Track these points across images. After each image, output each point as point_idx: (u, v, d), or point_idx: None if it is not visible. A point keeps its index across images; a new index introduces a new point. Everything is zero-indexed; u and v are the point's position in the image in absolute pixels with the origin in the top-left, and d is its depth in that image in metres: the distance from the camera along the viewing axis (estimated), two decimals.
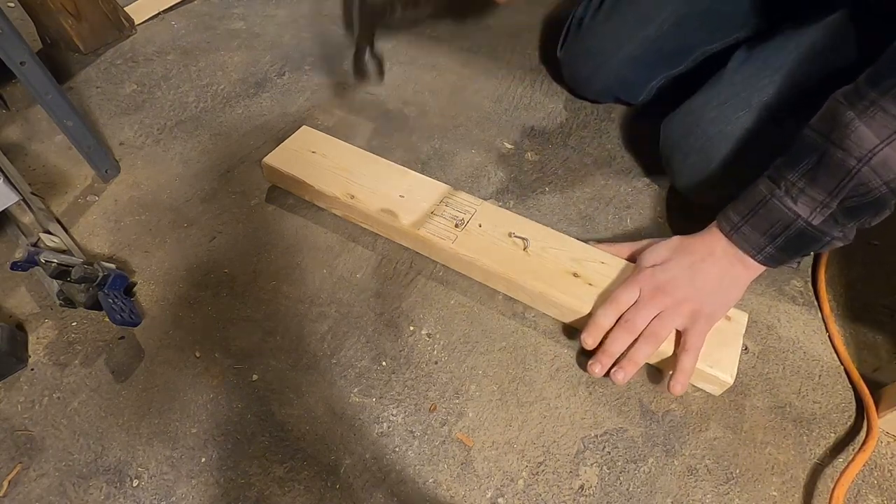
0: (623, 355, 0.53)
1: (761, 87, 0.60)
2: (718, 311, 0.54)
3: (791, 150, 0.48)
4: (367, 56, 0.87)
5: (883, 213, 0.46)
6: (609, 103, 0.86)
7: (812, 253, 0.52)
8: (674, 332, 0.54)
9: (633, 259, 0.60)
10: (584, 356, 0.58)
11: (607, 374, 0.54)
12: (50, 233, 0.65)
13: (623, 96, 0.82)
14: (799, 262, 0.54)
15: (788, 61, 0.60)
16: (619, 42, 0.76)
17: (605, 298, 0.56)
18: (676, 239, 0.57)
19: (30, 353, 0.58)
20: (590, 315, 0.56)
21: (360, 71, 0.88)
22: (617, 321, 0.54)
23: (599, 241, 0.64)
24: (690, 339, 0.52)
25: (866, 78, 0.44)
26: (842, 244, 0.48)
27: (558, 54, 0.84)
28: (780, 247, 0.49)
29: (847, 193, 0.44)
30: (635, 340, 0.53)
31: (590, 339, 0.54)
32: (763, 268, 0.52)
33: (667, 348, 0.54)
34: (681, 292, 0.53)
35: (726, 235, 0.52)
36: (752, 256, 0.51)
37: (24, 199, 0.67)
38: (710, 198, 0.66)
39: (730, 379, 0.52)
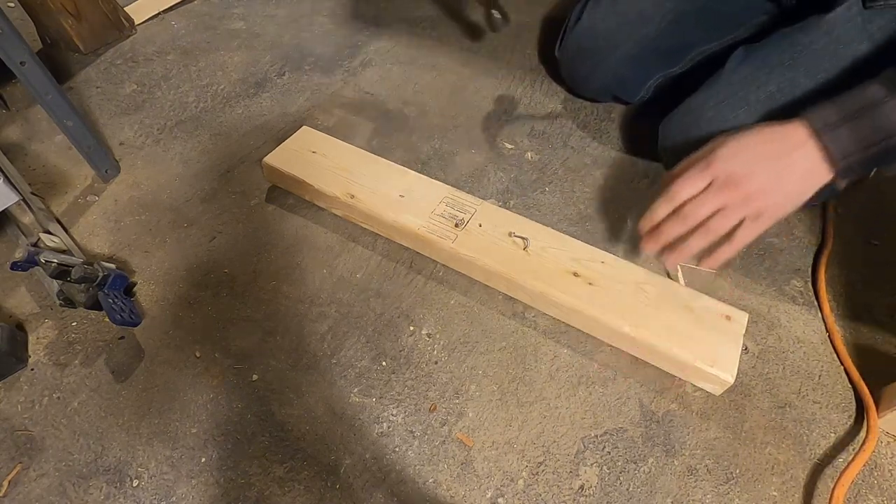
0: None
1: (759, 87, 0.60)
2: (783, 212, 0.51)
3: None
4: (493, 11, 0.91)
5: None
6: (607, 102, 0.86)
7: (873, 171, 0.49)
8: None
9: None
10: (584, 357, 0.58)
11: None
12: (50, 233, 0.65)
13: (621, 95, 0.82)
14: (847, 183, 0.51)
15: (786, 60, 0.60)
16: (616, 41, 0.76)
17: (606, 302, 0.57)
18: (760, 127, 0.52)
19: (30, 353, 0.58)
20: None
21: (490, 25, 0.92)
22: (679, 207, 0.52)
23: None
24: (742, 232, 0.51)
25: None
26: None
27: (556, 53, 0.84)
28: (870, 157, 0.46)
29: None
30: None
31: (645, 225, 0.54)
32: (829, 177, 0.49)
33: (657, 342, 0.54)
34: (756, 185, 0.50)
35: (816, 133, 0.48)
36: (833, 162, 0.47)
37: (24, 199, 0.67)
38: None
39: (730, 378, 0.52)
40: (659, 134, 0.70)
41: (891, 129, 0.45)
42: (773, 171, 0.50)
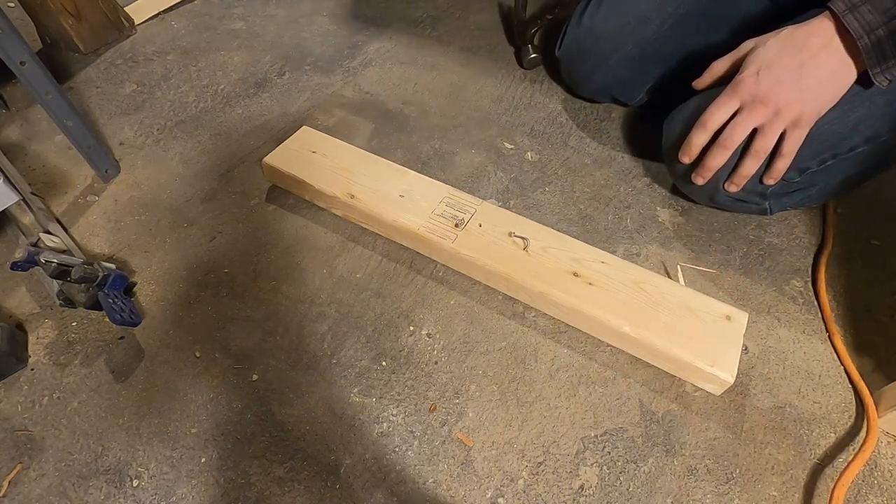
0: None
1: None
2: (817, 115, 0.52)
3: None
4: (531, 51, 0.91)
5: None
6: (606, 103, 0.86)
7: None
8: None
9: (736, 68, 0.59)
10: (584, 357, 0.58)
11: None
12: (50, 233, 0.65)
13: (620, 96, 0.82)
14: (890, 81, 0.50)
15: None
16: (617, 42, 0.76)
17: (606, 302, 0.57)
18: (787, 31, 0.54)
19: (30, 353, 0.58)
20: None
21: (528, 63, 0.92)
22: (716, 135, 0.54)
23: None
24: (788, 143, 0.52)
25: None
26: None
27: (556, 53, 0.84)
28: (893, 31, 0.47)
29: None
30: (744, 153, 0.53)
31: (685, 158, 0.56)
32: (854, 73, 0.50)
33: (655, 341, 0.54)
34: (784, 98, 0.51)
35: (840, 16, 0.49)
36: (858, 38, 0.48)
37: (24, 199, 0.67)
38: (711, 198, 0.66)
39: (730, 378, 0.52)
40: (663, 134, 0.70)
41: None
42: (798, 79, 0.50)
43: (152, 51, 0.96)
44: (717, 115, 0.55)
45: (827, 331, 0.61)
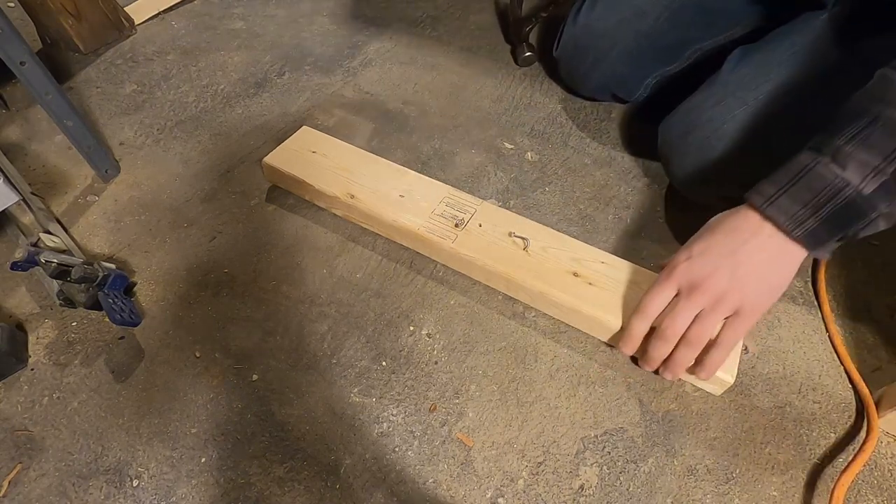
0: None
1: (758, 86, 0.60)
2: (764, 303, 0.49)
3: (834, 121, 0.44)
4: (525, 49, 0.92)
5: None
6: (606, 101, 0.86)
7: (851, 235, 0.45)
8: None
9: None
10: (584, 357, 0.58)
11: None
12: (50, 233, 0.65)
13: (619, 93, 0.82)
14: (831, 253, 0.47)
15: (785, 60, 0.60)
16: (614, 38, 0.76)
17: (606, 302, 0.56)
18: (714, 221, 0.51)
19: (30, 353, 0.58)
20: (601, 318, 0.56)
21: (522, 61, 0.93)
22: (657, 326, 0.50)
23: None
24: (727, 333, 0.49)
25: None
26: (885, 226, 0.43)
27: (555, 53, 0.84)
28: (824, 220, 0.44)
29: None
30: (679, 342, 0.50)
31: (626, 350, 0.53)
32: (805, 252, 0.47)
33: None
34: (721, 286, 0.48)
35: (760, 210, 0.47)
36: (789, 232, 0.45)
37: (24, 199, 0.67)
38: (709, 197, 0.66)
39: (730, 379, 0.52)
40: (658, 135, 0.70)
41: (834, 189, 0.43)
42: (735, 266, 0.48)
43: (152, 51, 0.96)
44: (654, 302, 0.51)
45: (827, 331, 0.61)
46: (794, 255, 0.47)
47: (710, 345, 0.50)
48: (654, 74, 0.78)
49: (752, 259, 0.47)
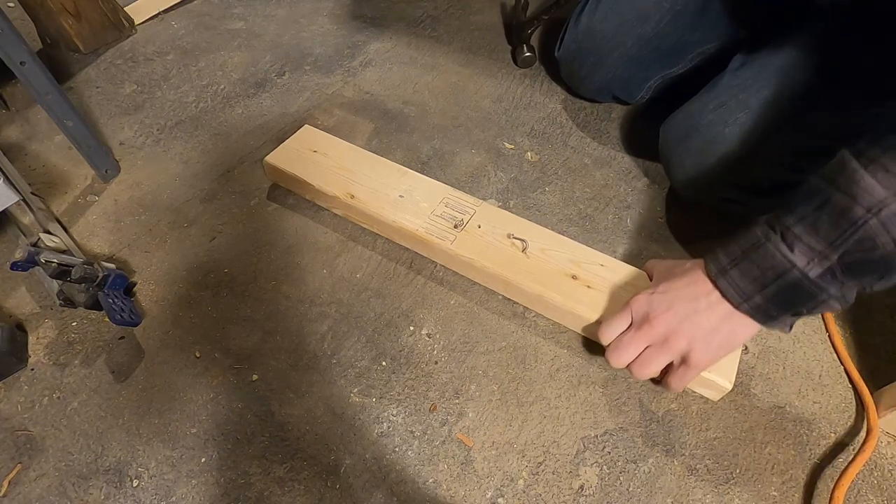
0: None
1: (759, 90, 0.60)
2: (708, 360, 0.49)
3: (794, 195, 0.43)
4: (525, 50, 0.92)
5: (890, 277, 0.40)
6: (607, 102, 0.86)
7: (805, 314, 0.45)
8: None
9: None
10: (584, 357, 0.58)
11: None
12: (50, 233, 0.65)
13: (620, 95, 0.82)
14: (791, 327, 0.47)
15: (786, 64, 0.60)
16: (616, 40, 0.76)
17: (603, 306, 0.57)
18: (682, 267, 0.51)
19: (30, 353, 0.58)
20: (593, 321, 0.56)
21: (522, 62, 0.93)
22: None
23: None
24: (672, 379, 0.50)
25: (870, 138, 0.40)
26: (839, 307, 0.43)
27: (556, 54, 0.84)
28: (771, 298, 0.44)
29: (850, 246, 0.39)
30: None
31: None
32: (758, 326, 0.47)
33: None
34: (670, 326, 0.48)
35: (712, 279, 0.47)
36: (737, 305, 0.45)
37: (24, 199, 0.67)
38: (708, 199, 0.67)
39: (728, 385, 0.52)
40: (659, 136, 0.70)
41: (779, 269, 0.42)
42: (689, 312, 0.48)
43: (152, 51, 0.96)
44: (608, 329, 0.52)
45: (827, 331, 0.61)
46: (744, 324, 0.47)
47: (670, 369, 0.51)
48: (656, 77, 0.78)
49: (705, 315, 0.48)
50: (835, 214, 0.40)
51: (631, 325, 0.51)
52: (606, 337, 0.52)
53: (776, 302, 0.44)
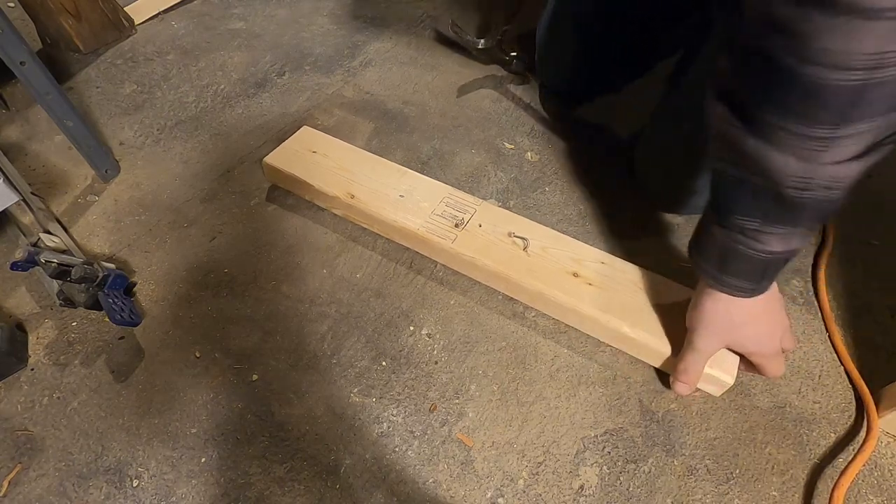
0: None
1: (697, 101, 0.58)
2: (768, 350, 0.52)
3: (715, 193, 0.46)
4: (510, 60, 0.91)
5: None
6: (598, 97, 0.85)
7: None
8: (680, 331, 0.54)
9: None
10: (584, 357, 0.59)
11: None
12: (50, 233, 0.65)
13: (606, 90, 0.82)
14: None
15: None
16: (564, 45, 0.77)
17: (604, 303, 0.57)
18: (696, 297, 0.52)
19: (30, 353, 0.58)
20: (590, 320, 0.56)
21: (513, 71, 0.92)
22: None
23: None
24: (767, 371, 0.53)
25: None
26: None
27: (537, 80, 0.86)
28: (771, 276, 0.47)
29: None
30: None
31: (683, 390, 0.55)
32: (774, 293, 0.50)
33: (665, 349, 0.54)
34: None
35: (718, 290, 0.48)
36: (750, 296, 0.48)
37: (24, 199, 0.67)
38: (680, 212, 0.70)
39: (730, 380, 0.52)
40: (634, 162, 0.73)
41: (765, 261, 0.44)
42: (727, 326, 0.51)
43: (152, 51, 0.96)
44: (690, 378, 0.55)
45: (827, 331, 0.61)
46: (762, 302, 0.49)
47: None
48: (623, 58, 0.76)
49: (737, 317, 0.50)
50: (786, 204, 0.40)
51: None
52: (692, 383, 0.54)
53: (774, 275, 0.47)
